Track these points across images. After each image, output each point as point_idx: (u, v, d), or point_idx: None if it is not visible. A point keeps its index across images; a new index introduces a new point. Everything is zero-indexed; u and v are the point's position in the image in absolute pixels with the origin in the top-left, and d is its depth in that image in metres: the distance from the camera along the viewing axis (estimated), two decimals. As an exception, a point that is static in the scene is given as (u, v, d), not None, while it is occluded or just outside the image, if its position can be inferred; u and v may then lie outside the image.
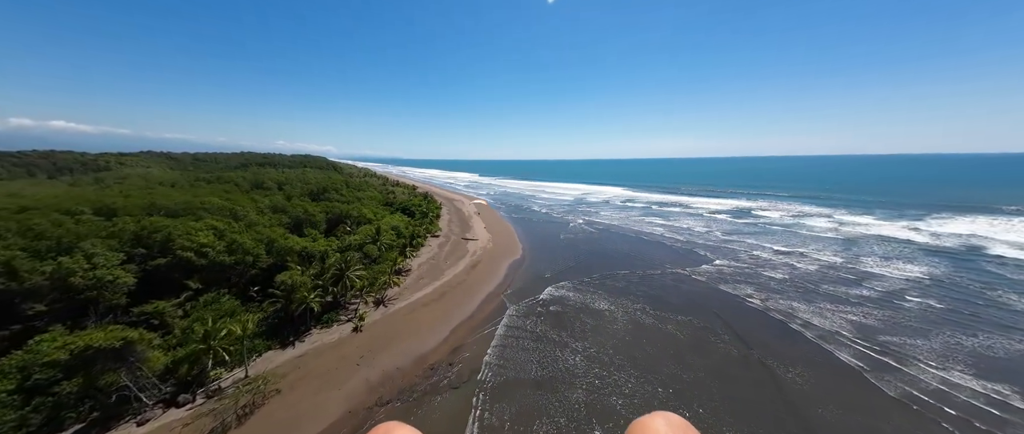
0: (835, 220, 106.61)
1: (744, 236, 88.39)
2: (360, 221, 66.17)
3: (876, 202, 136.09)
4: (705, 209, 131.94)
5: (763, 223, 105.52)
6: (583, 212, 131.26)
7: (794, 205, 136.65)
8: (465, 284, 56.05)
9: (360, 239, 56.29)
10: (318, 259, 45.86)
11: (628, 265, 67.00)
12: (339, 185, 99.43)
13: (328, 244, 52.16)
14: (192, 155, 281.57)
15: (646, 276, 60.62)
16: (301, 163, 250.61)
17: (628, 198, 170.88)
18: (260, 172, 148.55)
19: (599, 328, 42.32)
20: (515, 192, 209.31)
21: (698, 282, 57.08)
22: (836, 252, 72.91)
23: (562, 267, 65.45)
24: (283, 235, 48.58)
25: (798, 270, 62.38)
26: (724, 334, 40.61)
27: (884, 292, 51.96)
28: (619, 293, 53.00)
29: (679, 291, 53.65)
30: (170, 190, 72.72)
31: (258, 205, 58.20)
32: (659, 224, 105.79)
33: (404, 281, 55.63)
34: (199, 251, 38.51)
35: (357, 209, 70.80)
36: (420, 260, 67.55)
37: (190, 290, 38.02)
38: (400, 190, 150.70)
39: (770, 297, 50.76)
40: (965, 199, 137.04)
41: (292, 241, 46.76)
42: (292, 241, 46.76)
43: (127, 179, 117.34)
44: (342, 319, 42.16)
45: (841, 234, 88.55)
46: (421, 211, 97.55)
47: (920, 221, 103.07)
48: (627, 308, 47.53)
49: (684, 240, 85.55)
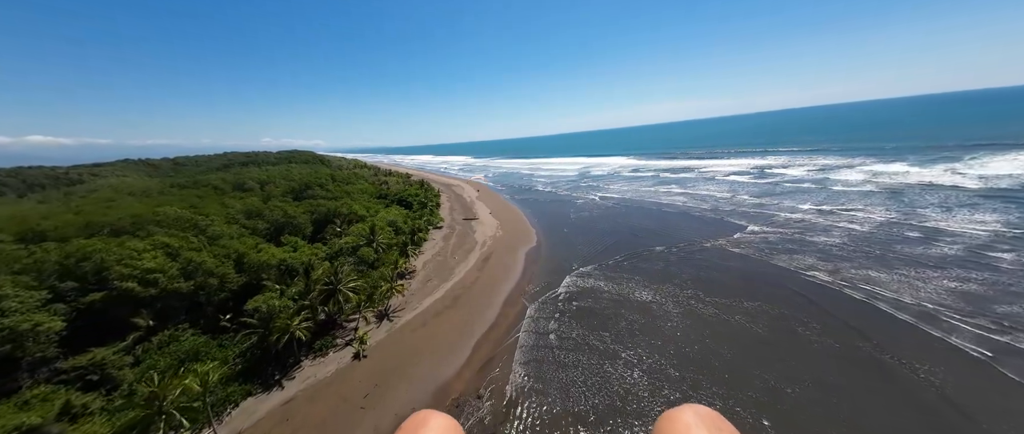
0: (866, 171, 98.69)
1: (775, 197, 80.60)
2: (351, 219, 57.57)
3: (898, 148, 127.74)
4: (719, 172, 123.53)
5: (789, 181, 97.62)
6: (592, 186, 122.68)
7: (814, 159, 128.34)
8: (480, 283, 48.31)
9: (353, 241, 48.01)
10: (302, 273, 37.76)
11: (658, 241, 59.38)
12: (325, 179, 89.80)
13: (314, 252, 43.84)
14: (172, 160, 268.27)
15: (683, 253, 53.05)
16: (286, 159, 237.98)
17: (635, 167, 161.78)
18: (242, 172, 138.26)
19: (650, 327, 34.93)
20: (514, 171, 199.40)
21: (746, 256, 49.55)
22: (887, 207, 65.32)
23: (586, 251, 57.70)
24: (255, 246, 40.14)
25: (853, 231, 54.90)
26: (807, 322, 33.26)
27: (967, 249, 44.62)
28: (659, 277, 45.50)
29: (729, 270, 46.17)
30: (132, 201, 63.49)
31: (229, 211, 49.44)
32: (677, 192, 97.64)
33: (409, 285, 47.87)
34: (145, 279, 30.27)
35: (347, 205, 61.89)
36: (425, 258, 59.57)
37: (139, 329, 30.07)
38: (393, 180, 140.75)
39: (838, 268, 43.38)
40: (988, 136, 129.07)
41: (267, 253, 38.43)
42: (267, 253, 38.43)
43: (96, 191, 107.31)
44: (339, 343, 34.57)
45: (880, 186, 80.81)
46: (419, 201, 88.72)
47: (957, 163, 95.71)
48: (676, 297, 40.08)
49: (710, 207, 77.72)
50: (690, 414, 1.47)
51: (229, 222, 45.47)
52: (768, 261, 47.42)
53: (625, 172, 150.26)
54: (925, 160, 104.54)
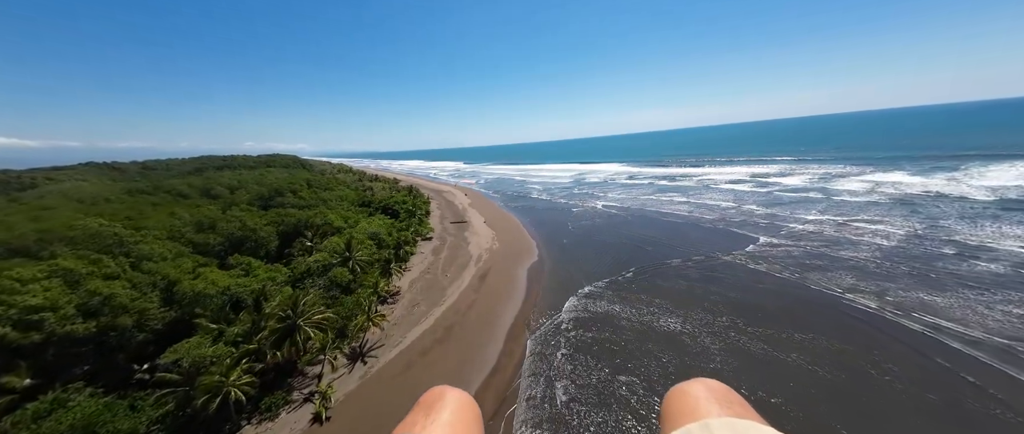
0: (866, 180, 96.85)
1: (784, 207, 76.80)
2: (326, 231, 49.59)
3: (892, 158, 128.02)
4: (718, 180, 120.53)
5: (791, 190, 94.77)
6: (589, 194, 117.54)
7: (809, 168, 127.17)
8: (477, 308, 41.30)
9: (324, 259, 40.24)
10: (251, 305, 29.82)
11: (670, 254, 53.96)
12: (299, 185, 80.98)
13: (272, 275, 35.63)
14: (141, 163, 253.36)
15: (702, 269, 47.49)
16: (265, 163, 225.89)
17: (630, 174, 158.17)
18: (212, 177, 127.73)
19: (687, 368, 28.74)
20: (506, 178, 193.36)
21: (775, 275, 44.27)
22: (905, 217, 61.87)
23: (594, 267, 51.51)
24: (192, 271, 31.84)
25: (881, 246, 50.60)
26: (879, 362, 27.64)
27: (1014, 267, 40.52)
28: (683, 300, 39.60)
29: (760, 291, 40.70)
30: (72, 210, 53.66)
31: (175, 223, 40.96)
32: (680, 200, 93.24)
33: (393, 312, 40.43)
34: (23, 320, 22.15)
35: (321, 215, 53.72)
36: (412, 275, 52.08)
37: (15, 392, 21.84)
38: (379, 186, 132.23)
39: (883, 290, 38.43)
40: (977, 146, 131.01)
41: (207, 279, 30.03)
42: (207, 279, 30.03)
43: (44, 198, 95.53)
44: (295, 399, 26.94)
45: (887, 196, 78.14)
46: (407, 209, 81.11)
47: (955, 172, 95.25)
48: (710, 326, 34.13)
49: (718, 217, 73.18)
50: (701, 388, 1.43)
51: (172, 237, 37.06)
52: (801, 281, 42.21)
53: (621, 179, 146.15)
54: (922, 169, 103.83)
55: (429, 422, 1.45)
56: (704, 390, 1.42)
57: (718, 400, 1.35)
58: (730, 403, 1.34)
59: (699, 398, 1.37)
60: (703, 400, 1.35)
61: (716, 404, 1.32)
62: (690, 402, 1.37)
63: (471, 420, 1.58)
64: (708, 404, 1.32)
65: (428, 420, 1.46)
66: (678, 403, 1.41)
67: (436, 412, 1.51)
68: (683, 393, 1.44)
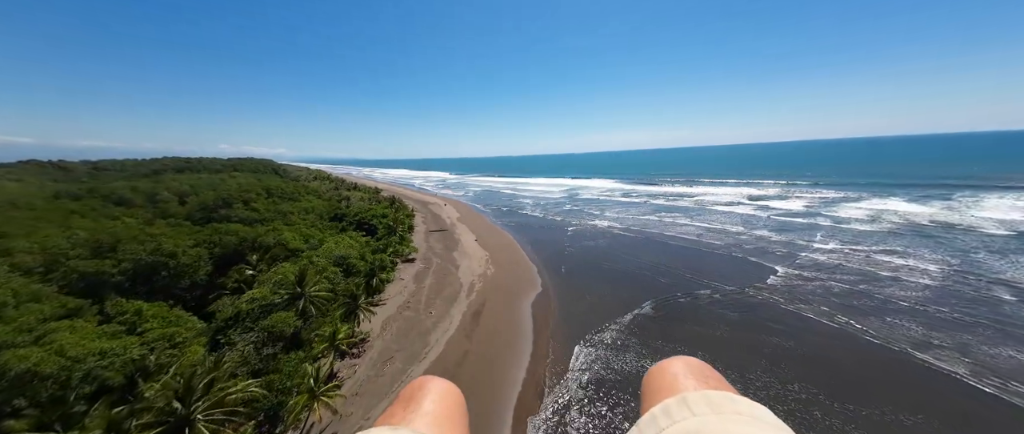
0: (868, 207, 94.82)
1: (794, 233, 72.27)
2: (277, 255, 39.01)
3: (877, 184, 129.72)
4: (717, 201, 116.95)
5: (796, 214, 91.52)
6: (585, 212, 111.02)
7: (804, 192, 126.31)
8: (472, 363, 32.09)
9: (264, 296, 29.73)
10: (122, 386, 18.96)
11: (692, 285, 47.23)
12: (254, 193, 69.13)
13: (174, 328, 24.10)
14: (93, 163, 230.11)
15: (735, 307, 40.49)
16: (232, 166, 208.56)
17: (624, 191, 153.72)
18: (164, 180, 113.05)
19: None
20: (495, 190, 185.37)
21: (824, 323, 37.61)
22: (932, 250, 57.82)
23: (610, 302, 43.57)
24: (32, 329, 20.19)
25: (926, 285, 45.40)
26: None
27: (1090, 318, 35.62)
28: (733, 357, 32.09)
29: (817, 343, 33.79)
30: None
31: (58, 245, 29.52)
32: (684, 223, 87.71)
33: (355, 371, 30.49)
34: None
35: (274, 232, 42.73)
36: (387, 311, 42.19)
37: None
38: (358, 195, 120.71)
39: (964, 345, 32.28)
40: (953, 175, 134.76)
41: (54, 345, 18.51)
42: (54, 345, 18.51)
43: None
44: None
45: (896, 224, 75.21)
46: (386, 225, 71.01)
47: (951, 201, 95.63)
48: (783, 398, 26.61)
49: (730, 243, 67.54)
50: (679, 364, 1.45)
51: (50, 265, 25.98)
52: (860, 331, 35.71)
53: (616, 196, 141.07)
54: (915, 197, 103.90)
55: (409, 413, 1.35)
56: (682, 366, 1.42)
57: (695, 375, 1.35)
58: (706, 377, 1.35)
59: (677, 374, 1.37)
60: (681, 376, 1.36)
61: (693, 379, 1.33)
62: (668, 378, 1.37)
63: (454, 410, 1.46)
64: (685, 379, 1.33)
65: (407, 412, 1.36)
66: (657, 380, 1.40)
67: (416, 402, 1.41)
68: (661, 370, 1.44)
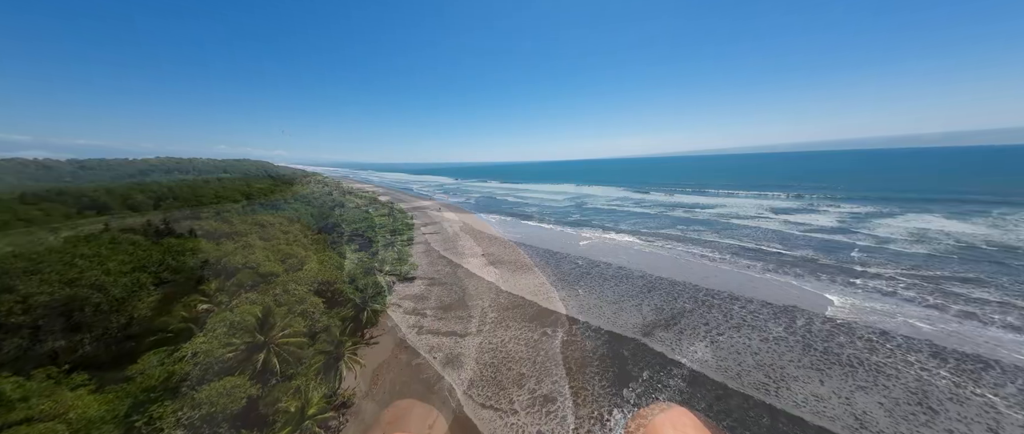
0: (905, 224, 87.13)
1: (838, 253, 64.75)
2: (241, 283, 30.20)
3: (899, 198, 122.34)
4: (738, 214, 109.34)
5: (829, 231, 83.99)
6: (596, 222, 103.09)
7: (828, 205, 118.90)
8: (486, 420, 23.54)
9: (211, 349, 21.02)
10: None
11: (756, 320, 38.65)
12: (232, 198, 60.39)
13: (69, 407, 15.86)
14: (79, 162, 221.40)
15: (834, 364, 32.26)
16: (222, 168, 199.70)
17: (635, 200, 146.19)
18: (142, 183, 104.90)
19: None
20: (497, 197, 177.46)
21: (974, 395, 29.54)
22: (1013, 280, 50.14)
23: (653, 339, 35.16)
24: None
25: (1035, 327, 37.57)
26: None
27: None
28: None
29: (961, 419, 25.59)
30: None
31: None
32: (712, 239, 79.71)
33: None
34: None
35: (244, 251, 33.86)
36: (379, 354, 33.55)
37: None
38: (352, 201, 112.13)
39: None
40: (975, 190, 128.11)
41: None
42: None
43: None
44: None
45: (948, 246, 67.17)
46: (384, 236, 62.48)
47: (989, 217, 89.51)
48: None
49: (774, 264, 59.63)
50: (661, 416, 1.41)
51: None
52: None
53: (628, 206, 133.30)
54: (952, 213, 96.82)
55: None
56: (665, 419, 1.38)
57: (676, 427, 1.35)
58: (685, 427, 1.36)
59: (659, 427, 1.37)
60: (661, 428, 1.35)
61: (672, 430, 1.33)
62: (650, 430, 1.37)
63: None
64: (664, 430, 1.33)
65: None
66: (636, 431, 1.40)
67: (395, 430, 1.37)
68: (642, 418, 1.43)
